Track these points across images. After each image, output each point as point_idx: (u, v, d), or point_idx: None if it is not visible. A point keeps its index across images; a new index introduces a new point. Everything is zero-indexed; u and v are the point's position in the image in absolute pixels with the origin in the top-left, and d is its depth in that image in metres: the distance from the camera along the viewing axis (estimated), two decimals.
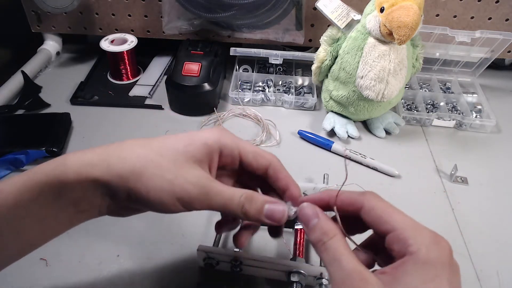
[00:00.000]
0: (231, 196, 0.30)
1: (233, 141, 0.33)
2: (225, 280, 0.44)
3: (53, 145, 0.58)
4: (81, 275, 0.44)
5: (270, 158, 0.34)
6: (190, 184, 0.30)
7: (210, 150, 0.32)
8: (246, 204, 0.30)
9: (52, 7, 0.68)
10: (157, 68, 0.79)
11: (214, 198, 0.30)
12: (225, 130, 0.34)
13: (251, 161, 0.34)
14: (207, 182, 0.30)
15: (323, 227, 0.29)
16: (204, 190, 0.30)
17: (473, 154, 0.63)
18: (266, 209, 0.31)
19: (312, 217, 0.29)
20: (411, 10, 0.49)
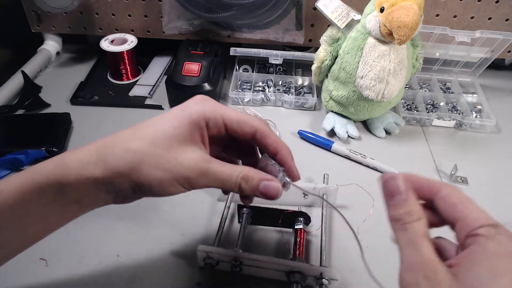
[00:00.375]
0: (228, 176, 0.31)
1: (216, 111, 0.33)
2: (225, 280, 0.44)
3: (53, 145, 0.58)
4: (81, 275, 0.44)
5: (256, 124, 0.34)
6: (189, 169, 0.30)
7: (198, 126, 0.32)
8: (243, 183, 0.32)
9: (52, 7, 0.68)
10: (157, 68, 0.79)
11: (213, 178, 0.31)
12: (208, 99, 0.34)
13: (236, 129, 0.33)
14: (204, 164, 0.31)
15: (409, 206, 0.26)
16: (203, 172, 0.31)
17: (473, 154, 0.63)
18: (262, 187, 0.32)
19: (400, 191, 0.27)
20: (411, 10, 0.49)
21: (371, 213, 0.50)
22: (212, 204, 0.53)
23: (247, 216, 0.48)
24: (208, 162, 0.31)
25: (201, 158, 0.31)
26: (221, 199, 0.53)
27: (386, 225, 0.52)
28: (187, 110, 0.32)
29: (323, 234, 0.46)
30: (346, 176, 0.57)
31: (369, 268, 0.30)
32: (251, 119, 0.34)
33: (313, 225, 0.49)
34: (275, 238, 0.49)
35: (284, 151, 0.35)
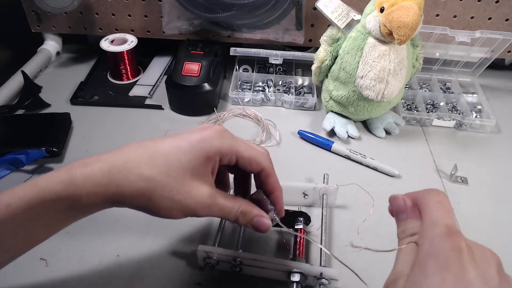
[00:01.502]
0: (229, 210, 0.35)
1: (232, 148, 0.34)
2: (225, 280, 0.44)
3: (53, 145, 0.58)
4: (81, 275, 0.44)
5: (263, 164, 0.36)
6: (198, 204, 0.33)
7: (212, 162, 0.34)
8: (240, 217, 0.35)
9: (52, 7, 0.68)
10: (157, 68, 0.79)
11: (216, 211, 0.34)
12: (225, 133, 0.35)
13: (246, 166, 0.35)
14: (212, 200, 0.33)
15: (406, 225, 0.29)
16: (209, 207, 0.33)
17: (473, 154, 0.63)
18: (255, 222, 0.36)
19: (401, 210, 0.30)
20: (411, 10, 0.49)
21: (371, 213, 0.50)
22: None
23: None
24: (215, 198, 0.34)
25: (210, 194, 0.33)
26: None
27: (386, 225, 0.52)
28: (205, 144, 0.33)
29: (323, 234, 0.46)
30: (346, 176, 0.57)
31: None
32: (260, 158, 0.36)
33: (313, 225, 0.49)
34: (275, 238, 0.49)
35: (279, 193, 0.38)
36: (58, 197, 0.30)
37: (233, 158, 0.34)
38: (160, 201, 0.32)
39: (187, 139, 0.33)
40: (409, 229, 0.28)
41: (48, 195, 0.30)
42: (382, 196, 0.55)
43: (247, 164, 0.35)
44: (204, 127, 0.34)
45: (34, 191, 0.30)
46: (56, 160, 0.58)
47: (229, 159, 0.34)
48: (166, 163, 0.32)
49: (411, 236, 0.28)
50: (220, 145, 0.33)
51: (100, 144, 0.62)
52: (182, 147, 0.32)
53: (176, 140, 0.33)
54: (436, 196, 0.29)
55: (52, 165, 0.58)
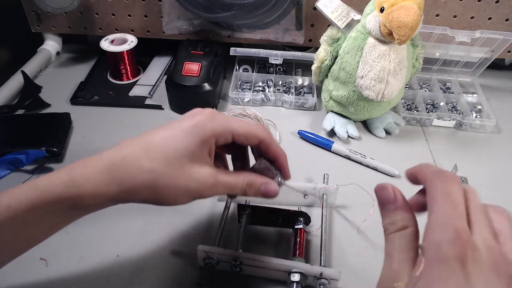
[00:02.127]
0: (234, 185, 0.35)
1: (226, 127, 0.34)
2: (225, 280, 0.44)
3: (53, 145, 0.58)
4: (81, 275, 0.44)
5: (261, 135, 0.36)
6: (202, 185, 0.33)
7: (208, 144, 0.34)
8: (247, 188, 0.35)
9: (52, 7, 0.68)
10: (157, 68, 0.79)
11: (221, 188, 0.34)
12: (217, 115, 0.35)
13: (244, 141, 0.36)
14: (214, 178, 0.34)
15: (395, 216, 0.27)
16: (213, 184, 0.34)
17: (473, 154, 0.63)
18: (262, 190, 0.36)
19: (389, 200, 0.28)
20: (411, 10, 0.49)
21: (371, 213, 0.50)
22: (212, 204, 0.52)
23: (247, 216, 0.48)
24: (217, 176, 0.34)
25: (211, 173, 0.34)
26: (221, 199, 0.53)
27: None
28: (199, 128, 0.33)
29: (323, 234, 0.46)
30: (346, 176, 0.57)
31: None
32: (256, 130, 0.36)
33: (313, 225, 0.49)
34: (275, 238, 0.49)
35: (283, 158, 0.38)
36: (59, 198, 0.30)
37: (228, 137, 0.35)
38: (165, 190, 0.32)
39: (180, 127, 0.33)
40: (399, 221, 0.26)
41: (49, 197, 0.30)
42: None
43: (244, 139, 0.35)
44: (195, 112, 0.35)
45: (35, 193, 0.30)
46: (56, 160, 0.58)
47: (225, 139, 0.35)
48: (163, 153, 0.32)
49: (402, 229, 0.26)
50: (213, 127, 0.34)
51: (100, 144, 0.62)
52: (177, 136, 0.33)
53: (169, 130, 0.33)
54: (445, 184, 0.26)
55: (52, 165, 0.58)
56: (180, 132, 0.33)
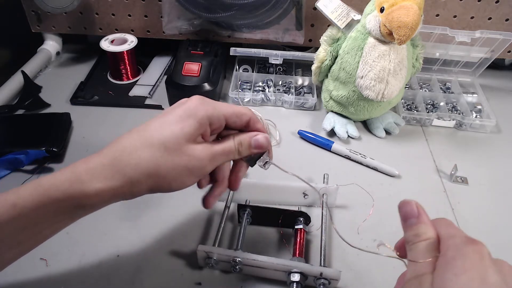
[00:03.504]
0: (229, 149, 0.37)
1: (217, 110, 0.35)
2: (225, 280, 0.44)
3: (53, 145, 0.58)
4: (81, 275, 0.44)
5: (249, 113, 0.38)
6: (202, 160, 0.34)
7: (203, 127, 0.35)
8: (239, 148, 0.37)
9: (52, 7, 0.68)
10: (157, 68, 0.79)
11: (220, 158, 0.36)
12: (206, 100, 0.36)
13: (235, 120, 0.37)
14: (210, 150, 0.35)
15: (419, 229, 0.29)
16: (211, 156, 0.35)
17: (473, 154, 0.63)
18: (253, 143, 0.38)
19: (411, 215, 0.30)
20: (411, 10, 0.49)
21: (371, 213, 0.50)
22: None
23: (247, 216, 0.48)
24: (212, 147, 0.35)
25: (207, 147, 0.35)
26: (221, 199, 0.53)
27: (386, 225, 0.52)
28: (193, 111, 0.34)
29: (323, 234, 0.46)
30: (346, 176, 0.57)
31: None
32: (243, 109, 0.38)
33: (313, 225, 0.49)
34: (275, 238, 0.49)
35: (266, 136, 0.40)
36: (64, 195, 0.31)
37: (221, 119, 0.36)
38: (168, 174, 0.33)
39: (173, 113, 0.34)
40: (423, 233, 0.29)
41: (55, 195, 0.30)
42: (382, 196, 0.55)
43: (236, 118, 0.37)
44: (183, 101, 0.35)
45: (40, 191, 0.30)
46: (56, 160, 0.58)
47: (218, 120, 0.36)
48: (160, 138, 0.33)
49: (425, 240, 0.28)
50: (206, 109, 0.34)
51: (100, 144, 0.61)
52: (171, 121, 0.34)
53: (163, 118, 0.34)
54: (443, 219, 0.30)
55: (52, 165, 0.58)
56: (174, 117, 0.34)
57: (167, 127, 0.33)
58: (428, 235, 0.29)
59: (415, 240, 0.29)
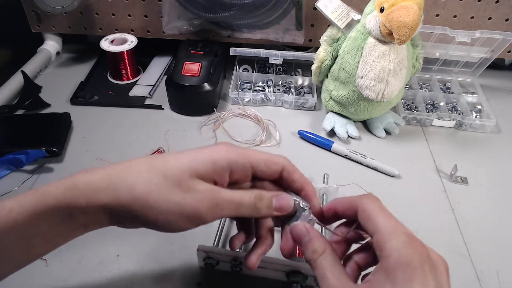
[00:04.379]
0: (241, 199, 0.32)
1: (242, 155, 0.33)
2: (225, 280, 0.44)
3: (53, 145, 0.58)
4: (81, 275, 0.44)
5: (282, 162, 0.34)
6: (199, 201, 0.30)
7: (218, 168, 0.32)
8: (257, 202, 0.32)
9: (52, 7, 0.68)
10: (157, 68, 0.79)
11: (226, 206, 0.31)
12: (231, 146, 0.33)
13: (264, 169, 0.34)
14: (215, 193, 0.31)
15: (313, 245, 0.30)
16: (214, 202, 0.30)
17: (473, 154, 0.63)
18: (275, 203, 0.33)
19: (303, 235, 0.31)
20: (411, 10, 0.49)
21: None
22: None
23: None
24: (218, 191, 0.31)
25: (210, 188, 0.31)
26: None
27: None
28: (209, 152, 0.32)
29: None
30: (346, 176, 0.57)
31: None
32: (276, 157, 0.34)
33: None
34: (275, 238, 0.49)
35: (310, 187, 0.35)
36: (57, 201, 0.30)
37: (247, 165, 0.33)
38: (156, 205, 0.29)
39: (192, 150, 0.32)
40: (318, 247, 0.30)
41: (49, 200, 0.29)
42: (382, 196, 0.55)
43: (264, 167, 0.33)
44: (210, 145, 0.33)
45: (36, 196, 0.30)
46: (56, 160, 0.58)
47: (243, 168, 0.33)
48: (164, 165, 0.31)
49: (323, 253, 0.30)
50: (227, 154, 0.32)
51: (100, 144, 0.62)
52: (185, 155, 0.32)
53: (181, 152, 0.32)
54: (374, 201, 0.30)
55: (52, 165, 0.58)
56: (188, 152, 0.32)
57: (177, 158, 0.31)
58: (323, 246, 0.30)
59: (315, 257, 0.30)
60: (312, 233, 0.31)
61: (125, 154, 0.59)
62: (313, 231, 0.31)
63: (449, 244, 0.49)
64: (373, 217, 0.29)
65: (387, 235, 0.27)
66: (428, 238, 0.49)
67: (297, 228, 0.32)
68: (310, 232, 0.31)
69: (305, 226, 0.32)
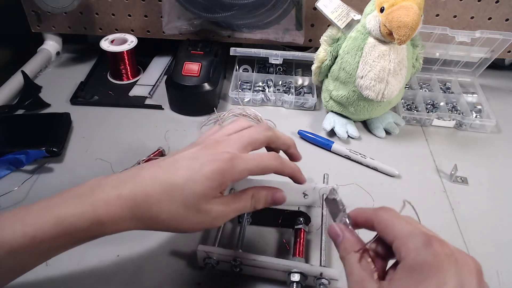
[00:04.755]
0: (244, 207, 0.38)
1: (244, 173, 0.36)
2: (225, 280, 0.44)
3: (53, 145, 0.58)
4: (81, 275, 0.44)
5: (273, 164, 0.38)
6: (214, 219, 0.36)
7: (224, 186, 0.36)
8: (256, 204, 0.39)
9: (52, 7, 0.68)
10: (157, 68, 0.79)
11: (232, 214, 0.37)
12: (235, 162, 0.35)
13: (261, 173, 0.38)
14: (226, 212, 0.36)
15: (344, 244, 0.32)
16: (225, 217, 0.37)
17: (473, 154, 0.63)
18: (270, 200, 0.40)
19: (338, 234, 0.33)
20: (411, 10, 0.49)
21: None
22: None
23: (247, 216, 0.48)
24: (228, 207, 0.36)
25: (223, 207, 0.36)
26: None
27: None
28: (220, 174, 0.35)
29: (323, 234, 0.46)
30: (346, 176, 0.57)
31: None
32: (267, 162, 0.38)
33: (313, 225, 0.49)
34: (275, 238, 0.49)
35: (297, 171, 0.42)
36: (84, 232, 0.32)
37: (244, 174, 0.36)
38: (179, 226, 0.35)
39: (200, 171, 0.34)
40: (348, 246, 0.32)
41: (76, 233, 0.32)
42: (382, 196, 0.55)
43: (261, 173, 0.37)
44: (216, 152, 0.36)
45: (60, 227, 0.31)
46: (56, 160, 0.58)
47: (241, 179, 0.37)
48: (182, 196, 0.34)
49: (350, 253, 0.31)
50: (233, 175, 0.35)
51: (100, 144, 0.62)
52: (196, 180, 0.34)
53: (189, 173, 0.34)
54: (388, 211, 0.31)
55: (52, 165, 0.58)
56: (200, 177, 0.34)
57: (191, 186, 0.34)
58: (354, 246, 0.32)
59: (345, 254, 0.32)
60: (346, 233, 0.33)
61: (125, 154, 0.59)
62: (347, 231, 0.33)
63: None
64: (389, 226, 0.30)
65: (404, 238, 0.28)
66: None
67: (332, 228, 0.34)
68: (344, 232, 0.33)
69: (339, 226, 0.34)
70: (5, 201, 0.51)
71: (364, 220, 0.33)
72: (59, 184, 0.54)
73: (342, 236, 0.33)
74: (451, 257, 0.26)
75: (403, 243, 0.28)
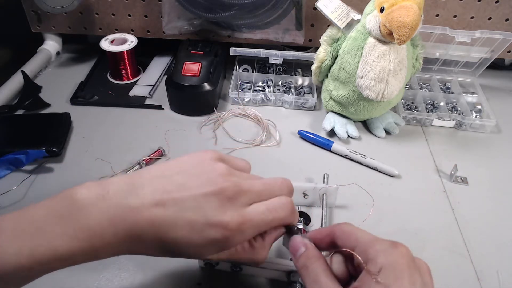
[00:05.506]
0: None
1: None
2: (225, 280, 0.44)
3: (53, 145, 0.58)
4: (81, 275, 0.44)
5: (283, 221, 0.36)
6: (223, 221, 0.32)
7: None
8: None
9: (52, 7, 0.68)
10: (157, 68, 0.79)
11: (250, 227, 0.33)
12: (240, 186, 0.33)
13: None
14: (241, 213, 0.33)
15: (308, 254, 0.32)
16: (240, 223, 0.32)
17: (473, 154, 0.63)
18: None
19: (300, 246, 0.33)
20: (411, 10, 0.49)
21: (371, 213, 0.50)
22: None
23: None
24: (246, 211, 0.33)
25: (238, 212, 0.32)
26: None
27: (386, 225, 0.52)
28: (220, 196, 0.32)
29: None
30: (346, 176, 0.57)
31: None
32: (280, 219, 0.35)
33: (313, 225, 0.49)
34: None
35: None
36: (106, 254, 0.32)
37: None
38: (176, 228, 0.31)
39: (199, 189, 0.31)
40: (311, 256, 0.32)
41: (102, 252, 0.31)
42: (382, 196, 0.55)
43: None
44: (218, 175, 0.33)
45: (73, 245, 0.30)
46: (56, 160, 0.58)
47: None
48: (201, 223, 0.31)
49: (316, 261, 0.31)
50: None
51: (100, 144, 0.62)
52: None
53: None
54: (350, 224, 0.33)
55: (52, 165, 0.58)
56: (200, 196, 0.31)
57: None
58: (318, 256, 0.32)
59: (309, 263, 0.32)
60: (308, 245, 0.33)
61: (125, 154, 0.59)
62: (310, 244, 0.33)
63: (449, 244, 0.49)
64: (353, 233, 0.31)
65: (369, 242, 0.30)
66: (428, 238, 0.49)
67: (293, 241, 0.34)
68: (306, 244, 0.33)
69: (301, 238, 0.34)
70: (4, 200, 0.51)
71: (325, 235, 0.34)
72: (59, 184, 0.54)
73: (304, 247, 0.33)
74: (413, 258, 0.28)
75: (370, 246, 0.29)
